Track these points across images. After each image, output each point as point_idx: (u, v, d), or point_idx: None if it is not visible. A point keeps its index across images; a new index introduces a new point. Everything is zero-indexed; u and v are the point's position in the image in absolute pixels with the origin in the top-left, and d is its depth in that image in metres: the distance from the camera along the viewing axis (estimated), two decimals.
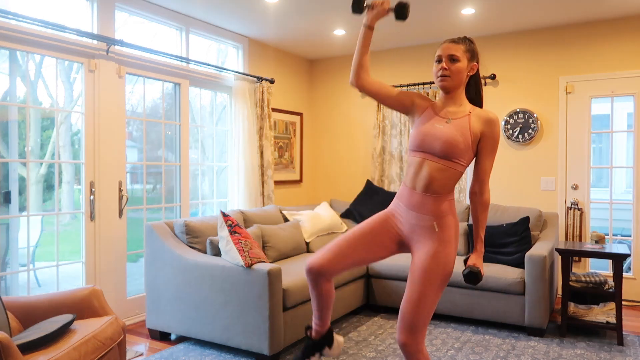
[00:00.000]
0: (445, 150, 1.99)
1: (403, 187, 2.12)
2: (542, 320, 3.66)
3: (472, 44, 2.09)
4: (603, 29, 4.68)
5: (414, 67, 5.58)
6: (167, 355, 3.32)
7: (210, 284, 3.33)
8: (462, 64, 2.04)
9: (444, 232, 2.03)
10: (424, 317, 1.97)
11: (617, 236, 4.86)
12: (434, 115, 2.08)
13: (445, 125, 2.03)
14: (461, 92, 2.10)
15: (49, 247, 4.02)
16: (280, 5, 4.24)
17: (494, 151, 2.06)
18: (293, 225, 4.48)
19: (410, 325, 1.96)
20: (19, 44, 3.33)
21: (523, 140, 4.96)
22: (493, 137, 2.04)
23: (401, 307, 2.01)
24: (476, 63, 2.10)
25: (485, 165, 2.06)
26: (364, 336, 3.72)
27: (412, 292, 1.98)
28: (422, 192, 2.03)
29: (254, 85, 5.16)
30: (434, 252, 2.00)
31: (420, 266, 2.00)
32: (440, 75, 2.05)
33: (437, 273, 1.99)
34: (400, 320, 1.99)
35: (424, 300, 1.97)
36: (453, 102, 2.09)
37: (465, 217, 4.68)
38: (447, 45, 2.06)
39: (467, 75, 2.08)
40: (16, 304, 2.58)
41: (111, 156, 3.89)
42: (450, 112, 2.07)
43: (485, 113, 2.05)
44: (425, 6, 4.27)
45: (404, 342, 1.97)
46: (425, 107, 2.14)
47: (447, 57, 2.04)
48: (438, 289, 2.00)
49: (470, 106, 2.09)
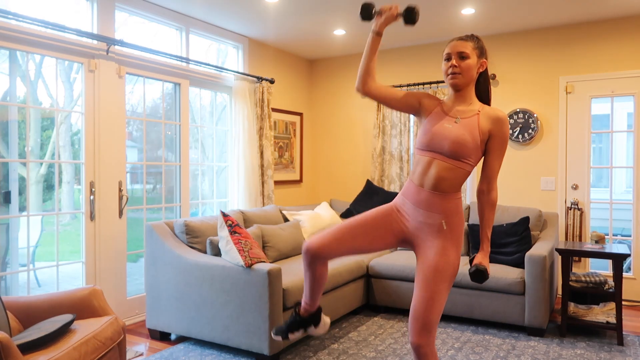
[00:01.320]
0: (454, 150, 1.98)
1: (410, 183, 2.10)
2: (542, 320, 3.66)
3: (480, 41, 2.09)
4: (603, 29, 4.68)
5: (414, 67, 5.58)
6: (167, 355, 3.32)
7: (210, 284, 3.33)
8: (471, 60, 2.04)
9: (453, 230, 2.03)
10: (437, 315, 1.96)
11: (617, 236, 4.87)
12: (443, 114, 2.07)
13: (454, 124, 2.02)
14: (471, 89, 2.09)
15: (49, 247, 4.02)
16: (280, 5, 4.24)
17: (503, 150, 2.05)
18: (293, 225, 4.48)
19: (425, 325, 1.95)
20: (19, 44, 3.33)
21: (523, 140, 4.96)
22: (502, 136, 2.03)
23: (413, 307, 1.98)
24: (485, 60, 2.10)
25: (494, 164, 2.05)
26: (364, 336, 3.72)
27: (425, 292, 1.96)
28: (430, 190, 2.02)
29: (254, 85, 5.16)
30: (444, 251, 2.00)
31: (432, 265, 1.99)
32: (451, 73, 2.04)
33: (447, 271, 1.99)
34: (415, 321, 1.96)
35: (437, 298, 1.96)
36: (462, 101, 2.08)
37: (465, 216, 4.68)
38: (455, 42, 2.06)
39: (477, 72, 2.08)
40: (16, 304, 2.58)
41: (111, 156, 3.89)
42: (460, 111, 2.06)
43: (494, 112, 2.04)
44: (425, 6, 4.27)
45: (420, 344, 1.95)
46: (434, 107, 2.13)
47: (457, 54, 2.04)
48: (448, 287, 2.00)
49: (480, 105, 2.08)
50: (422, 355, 1.96)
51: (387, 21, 2.08)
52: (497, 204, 2.38)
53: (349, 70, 6.02)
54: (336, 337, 3.72)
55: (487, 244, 2.08)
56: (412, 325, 1.98)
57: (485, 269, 2.02)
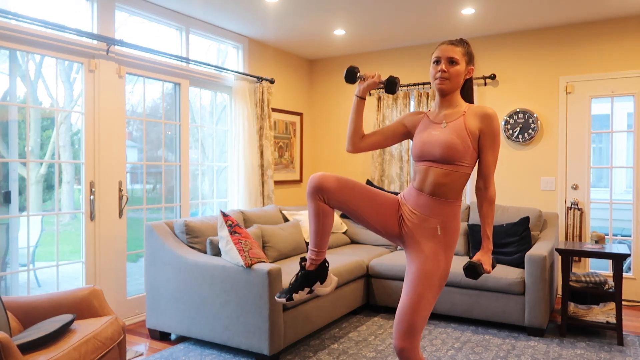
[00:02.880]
0: (444, 154, 1.99)
1: (411, 188, 2.12)
2: (542, 320, 3.66)
3: (469, 47, 2.09)
4: (603, 29, 4.68)
5: (414, 67, 5.58)
6: (167, 355, 3.32)
7: (210, 284, 3.33)
8: (460, 67, 2.04)
9: (447, 236, 2.03)
10: (422, 320, 1.95)
11: (617, 236, 4.87)
12: (430, 123, 2.09)
13: (441, 130, 2.03)
14: (457, 94, 2.10)
15: (49, 247, 4.02)
16: (280, 5, 4.24)
17: (495, 145, 2.04)
18: (293, 225, 4.48)
19: (409, 329, 1.94)
20: (19, 44, 3.33)
21: (523, 140, 4.96)
22: (492, 131, 2.02)
23: (399, 310, 1.98)
24: (472, 67, 2.10)
25: (488, 160, 2.04)
26: (364, 336, 3.72)
27: (411, 295, 1.96)
28: (429, 195, 2.03)
29: (254, 85, 5.16)
30: (435, 255, 2.00)
31: (421, 268, 1.98)
32: (440, 77, 2.04)
33: (436, 276, 1.98)
34: (398, 324, 1.96)
35: (423, 302, 1.95)
36: (448, 105, 2.08)
37: (465, 217, 4.68)
38: (445, 47, 2.05)
39: (464, 78, 2.08)
40: (16, 304, 2.58)
41: (111, 156, 3.89)
42: (446, 115, 2.07)
43: (481, 109, 2.04)
44: (425, 6, 4.27)
45: (403, 347, 1.95)
46: (419, 120, 2.15)
47: (447, 59, 2.03)
48: (436, 293, 1.99)
49: (466, 105, 2.08)
50: (405, 359, 1.95)
51: (369, 87, 2.15)
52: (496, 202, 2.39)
53: None
54: (336, 337, 3.72)
55: (487, 241, 2.06)
56: (396, 328, 1.97)
57: (479, 264, 1.98)
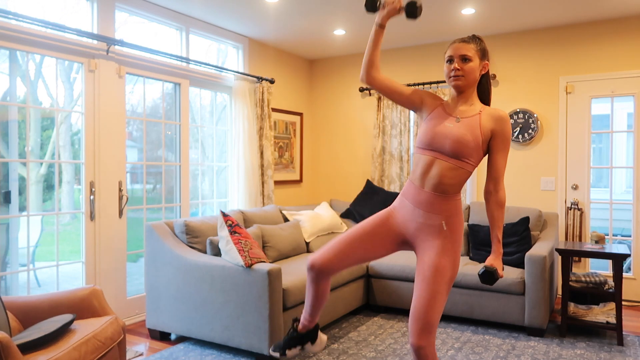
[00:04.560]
0: (455, 149, 1.99)
1: (410, 184, 2.11)
2: (542, 320, 3.66)
3: (482, 42, 2.09)
4: (603, 29, 4.68)
5: (414, 67, 5.58)
6: (167, 355, 3.32)
7: (210, 284, 3.33)
8: (474, 63, 2.05)
9: (453, 231, 2.04)
10: (437, 316, 1.96)
11: (617, 236, 4.87)
12: (445, 114, 2.08)
13: (455, 124, 2.03)
14: (473, 90, 2.10)
15: (49, 247, 4.02)
16: (280, 5, 4.24)
17: (506, 149, 2.06)
18: (293, 225, 4.48)
19: (425, 326, 1.94)
20: (19, 44, 3.33)
21: (523, 140, 4.96)
22: (504, 135, 2.04)
23: (414, 308, 1.97)
24: (487, 61, 2.11)
25: (499, 163, 2.05)
26: (364, 336, 3.72)
27: (426, 292, 1.96)
28: (430, 191, 2.03)
29: (254, 85, 5.16)
30: (444, 251, 2.01)
31: (432, 264, 1.99)
32: (453, 76, 2.05)
33: (447, 271, 1.99)
34: (415, 322, 1.95)
35: (437, 298, 1.96)
36: (465, 101, 2.09)
37: (465, 217, 4.68)
38: (458, 45, 2.06)
39: (479, 74, 2.09)
40: (16, 304, 2.58)
41: (111, 156, 3.89)
42: (461, 110, 2.07)
43: (496, 111, 2.06)
44: (425, 6, 4.27)
45: (420, 345, 1.94)
46: (436, 106, 2.14)
47: (459, 57, 2.04)
48: (448, 287, 2.01)
49: (481, 105, 2.09)
50: (423, 357, 1.95)
51: (389, 14, 2.10)
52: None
53: (349, 70, 6.02)
54: (336, 337, 3.72)
55: (498, 245, 2.06)
56: (412, 327, 1.97)
57: (495, 270, 2.00)
